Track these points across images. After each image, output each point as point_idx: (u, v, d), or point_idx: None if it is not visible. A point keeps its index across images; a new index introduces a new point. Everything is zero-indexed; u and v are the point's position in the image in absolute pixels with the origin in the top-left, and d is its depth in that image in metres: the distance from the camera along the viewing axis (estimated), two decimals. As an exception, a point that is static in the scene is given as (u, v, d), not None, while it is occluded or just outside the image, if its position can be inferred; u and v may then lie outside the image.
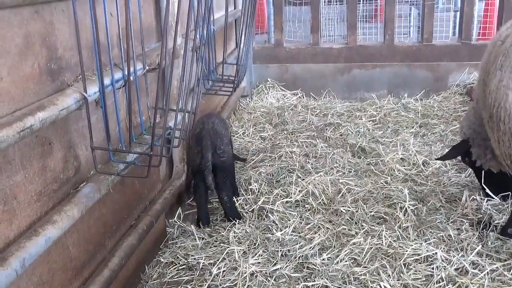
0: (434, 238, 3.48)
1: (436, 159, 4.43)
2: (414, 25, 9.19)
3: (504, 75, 3.13)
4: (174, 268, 3.39)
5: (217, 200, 4.05)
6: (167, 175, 4.06)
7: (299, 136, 5.56)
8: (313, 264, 3.26)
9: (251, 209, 3.99)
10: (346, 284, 3.08)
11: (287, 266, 3.27)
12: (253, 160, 4.99)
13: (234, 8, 6.47)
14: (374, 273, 3.16)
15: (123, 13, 2.67)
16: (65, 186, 2.48)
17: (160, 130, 2.96)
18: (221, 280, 3.18)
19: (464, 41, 6.79)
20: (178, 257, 3.48)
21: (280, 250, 3.43)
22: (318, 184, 4.28)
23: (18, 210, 2.16)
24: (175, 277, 3.31)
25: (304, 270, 3.24)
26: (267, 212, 3.92)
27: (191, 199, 4.30)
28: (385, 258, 3.30)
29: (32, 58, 2.20)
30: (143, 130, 3.12)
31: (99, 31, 2.40)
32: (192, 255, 3.46)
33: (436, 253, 3.28)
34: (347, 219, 3.79)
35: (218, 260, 3.37)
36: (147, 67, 3.02)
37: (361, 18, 8.73)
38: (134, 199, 3.28)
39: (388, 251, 3.35)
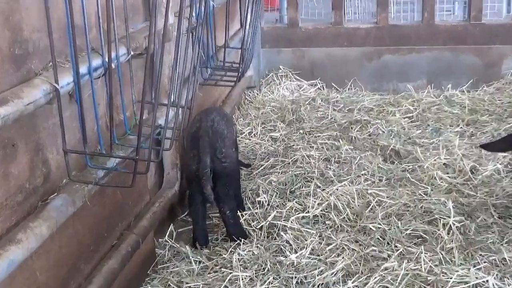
0: (485, 262, 3.46)
1: (481, 146, 4.38)
2: (459, 0, 9.16)
3: None
4: (165, 299, 3.39)
5: (218, 214, 4.04)
6: (156, 184, 4.05)
7: (319, 136, 5.55)
8: (336, 294, 3.25)
9: (259, 226, 3.98)
10: (376, 319, 3.07)
11: (303, 296, 3.26)
12: (261, 166, 4.98)
13: (239, -20, 6.47)
14: (411, 305, 3.14)
15: (102, -14, 2.68)
16: (31, 197, 2.48)
17: (148, 129, 2.96)
18: (222, 313, 3.18)
19: (522, 19, 6.79)
20: (169, 285, 3.47)
21: (295, 277, 3.41)
22: (342, 195, 4.27)
23: (-26, 227, 2.16)
24: (166, 309, 3.31)
25: (324, 301, 3.23)
26: (278, 229, 3.91)
27: (186, 213, 4.29)
28: (425, 287, 3.28)
29: (-9, 41, 2.21)
30: (127, 129, 3.12)
31: (73, 9, 2.41)
32: (187, 283, 3.45)
33: (487, 280, 3.26)
34: (378, 238, 3.77)
35: (218, 288, 3.37)
36: (132, 52, 3.02)
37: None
38: (116, 214, 3.27)
39: (428, 278, 3.33)
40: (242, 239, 3.85)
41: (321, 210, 4.11)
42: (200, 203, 3.87)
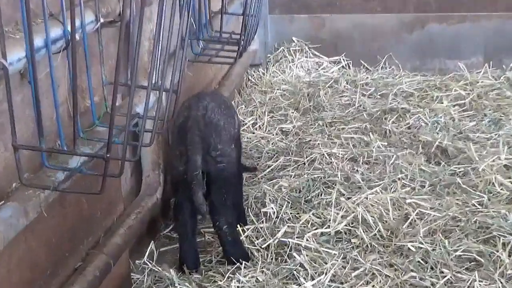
0: (557, 293, 3.46)
1: None
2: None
3: None
4: (144, 338, 3.40)
5: (212, 229, 4.05)
6: (132, 191, 4.06)
7: (343, 129, 5.54)
8: (364, 333, 3.26)
9: (265, 245, 3.99)
10: None
11: (322, 335, 3.26)
12: (268, 167, 4.98)
13: None
14: None
15: None
16: (-28, 206, 2.49)
17: (123, 118, 2.97)
18: None
19: None
20: (149, 320, 3.50)
21: (312, 311, 3.43)
22: (373, 205, 4.27)
23: None
24: None
25: None
26: (290, 249, 3.92)
27: (171, 227, 4.29)
28: (479, 325, 3.29)
29: None
30: (95, 118, 3.12)
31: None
32: (171, 318, 3.47)
33: (560, 317, 3.27)
34: (418, 262, 3.77)
35: (212, 325, 3.38)
36: (101, 20, 3.02)
37: None
38: (81, 228, 3.28)
39: (484, 313, 3.34)
40: (243, 262, 3.85)
41: (345, 225, 4.11)
42: (189, 214, 3.87)
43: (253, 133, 5.61)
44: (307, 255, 3.83)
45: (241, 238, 4.00)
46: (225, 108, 4.05)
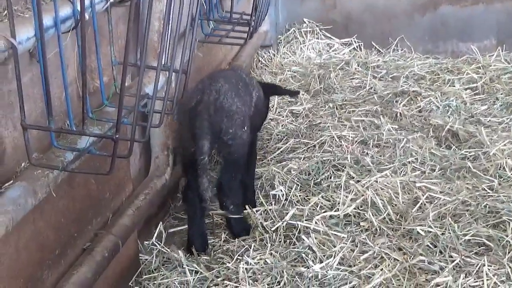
0: None
1: None
2: None
3: None
4: (151, 319, 3.42)
5: (220, 211, 4.06)
6: (141, 172, 4.07)
7: (353, 112, 5.54)
8: (372, 317, 3.26)
9: (274, 228, 3.99)
10: None
11: (330, 318, 3.27)
12: (278, 149, 4.98)
13: None
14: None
15: None
16: (-20, 185, 2.50)
17: (132, 99, 2.97)
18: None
19: None
20: (157, 301, 3.51)
21: (320, 293, 3.43)
22: (382, 189, 4.27)
23: None
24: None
25: (357, 325, 3.24)
26: (299, 232, 3.92)
27: (180, 209, 4.30)
28: (488, 309, 3.28)
29: None
30: (104, 99, 3.12)
31: None
32: (179, 299, 3.48)
33: None
34: (428, 246, 3.77)
35: (220, 306, 3.39)
36: (111, -1, 3.02)
37: None
38: (89, 208, 3.29)
39: (493, 298, 3.33)
40: (246, 236, 3.95)
41: (354, 208, 4.11)
42: (197, 196, 3.87)
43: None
44: (315, 238, 3.83)
45: (248, 220, 4.05)
46: (242, 87, 4.03)
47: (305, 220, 3.99)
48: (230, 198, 3.93)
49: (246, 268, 3.63)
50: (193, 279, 3.65)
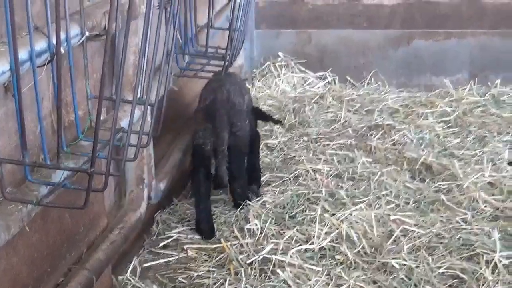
0: (540, 311, 3.47)
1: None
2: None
3: None
4: None
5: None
6: (116, 206, 4.05)
7: (328, 145, 5.55)
8: None
9: (249, 261, 3.98)
10: None
11: None
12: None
13: None
14: None
15: None
16: (-47, 220, 2.47)
17: (107, 132, 2.96)
18: None
19: None
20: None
21: (295, 327, 3.42)
22: (357, 222, 4.28)
23: None
24: None
25: None
26: (274, 266, 3.91)
27: (154, 243, 4.29)
28: None
29: None
30: (79, 133, 3.11)
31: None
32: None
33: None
34: (402, 279, 3.77)
35: None
36: (87, 33, 3.02)
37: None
38: (64, 243, 3.27)
39: (467, 331, 3.34)
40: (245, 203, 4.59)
41: (329, 242, 4.11)
42: (205, 179, 4.44)
43: (238, 148, 5.59)
44: (291, 272, 3.83)
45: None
46: (240, 88, 4.76)
47: (280, 254, 3.99)
48: (237, 182, 4.59)
49: (221, 302, 3.62)
50: (168, 313, 3.64)
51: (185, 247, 4.21)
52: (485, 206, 4.52)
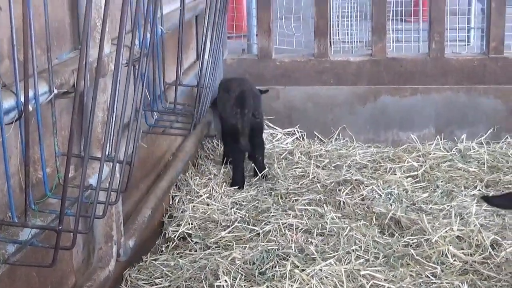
0: None
1: (482, 198, 4.54)
2: (475, 27, 9.37)
3: None
4: None
5: None
6: (85, 263, 4.01)
7: (297, 200, 5.56)
8: None
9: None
10: None
11: None
12: (223, 238, 4.96)
13: (195, -1, 6.56)
14: None
15: (18, 5, 2.70)
16: None
17: (75, 190, 2.95)
18: None
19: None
20: None
21: None
22: (327, 277, 4.26)
23: None
24: None
25: None
26: (244, 322, 3.89)
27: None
28: None
29: None
30: (47, 190, 3.10)
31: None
32: None
33: None
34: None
35: None
36: (55, 91, 3.02)
37: (393, 15, 8.89)
38: (31, 302, 3.23)
39: None
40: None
41: (300, 297, 4.09)
42: (239, 149, 5.87)
43: (208, 205, 5.58)
44: (261, 329, 3.81)
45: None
46: (253, 86, 6.33)
47: (251, 311, 3.97)
48: (260, 152, 6.15)
49: None
50: None
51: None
52: (454, 260, 4.53)
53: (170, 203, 5.55)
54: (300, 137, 7.11)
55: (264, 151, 6.21)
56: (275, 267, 4.47)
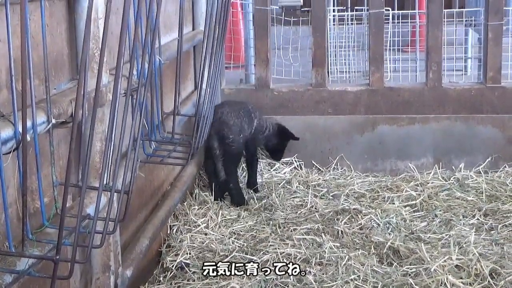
0: None
1: None
2: (472, 57, 9.42)
3: None
4: None
5: None
6: (82, 293, 4.00)
7: (295, 230, 5.55)
8: None
9: None
10: None
11: None
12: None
13: (193, 29, 6.59)
14: None
15: (17, 36, 2.71)
16: None
17: (73, 220, 2.95)
18: None
19: (551, 82, 6.97)
20: None
21: None
22: (325, 307, 4.26)
23: None
24: None
25: None
26: None
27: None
28: None
29: None
30: (44, 220, 3.10)
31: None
32: None
33: None
34: None
35: None
36: (53, 120, 3.03)
37: (390, 46, 8.94)
38: (27, 333, 3.21)
39: None
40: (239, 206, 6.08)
41: (298, 327, 4.08)
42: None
43: (205, 234, 5.58)
44: None
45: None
46: (243, 111, 6.49)
47: None
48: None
49: None
50: None
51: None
52: (453, 290, 4.53)
53: (168, 232, 5.54)
54: (298, 166, 7.11)
55: (229, 182, 6.29)
56: (274, 297, 4.46)
